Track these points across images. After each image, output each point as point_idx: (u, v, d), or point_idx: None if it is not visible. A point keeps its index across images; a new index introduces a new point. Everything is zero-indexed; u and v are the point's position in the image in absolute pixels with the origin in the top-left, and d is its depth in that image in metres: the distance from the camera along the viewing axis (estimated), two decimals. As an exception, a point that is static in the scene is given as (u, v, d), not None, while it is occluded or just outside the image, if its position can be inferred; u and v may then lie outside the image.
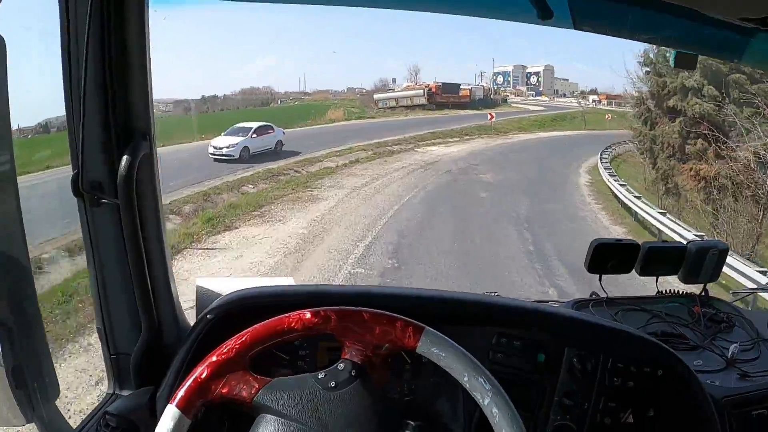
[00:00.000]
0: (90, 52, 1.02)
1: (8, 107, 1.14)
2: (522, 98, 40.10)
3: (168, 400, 1.08)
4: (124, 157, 1.05)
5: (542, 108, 35.63)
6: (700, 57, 1.50)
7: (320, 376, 0.87)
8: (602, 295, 1.58)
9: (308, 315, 0.87)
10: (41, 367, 1.16)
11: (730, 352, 1.37)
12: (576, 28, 1.25)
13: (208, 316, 1.14)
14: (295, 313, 0.87)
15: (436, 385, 1.20)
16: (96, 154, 1.08)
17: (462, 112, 32.55)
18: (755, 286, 5.20)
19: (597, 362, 1.18)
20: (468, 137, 25.05)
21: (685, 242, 1.59)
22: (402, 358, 1.20)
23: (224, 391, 0.84)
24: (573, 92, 42.58)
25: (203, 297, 1.29)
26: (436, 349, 0.87)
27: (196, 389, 0.84)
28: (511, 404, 0.84)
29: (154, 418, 1.11)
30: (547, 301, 1.61)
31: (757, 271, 7.32)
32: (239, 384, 0.84)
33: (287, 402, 0.85)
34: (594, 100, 37.54)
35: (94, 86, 1.04)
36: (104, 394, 1.25)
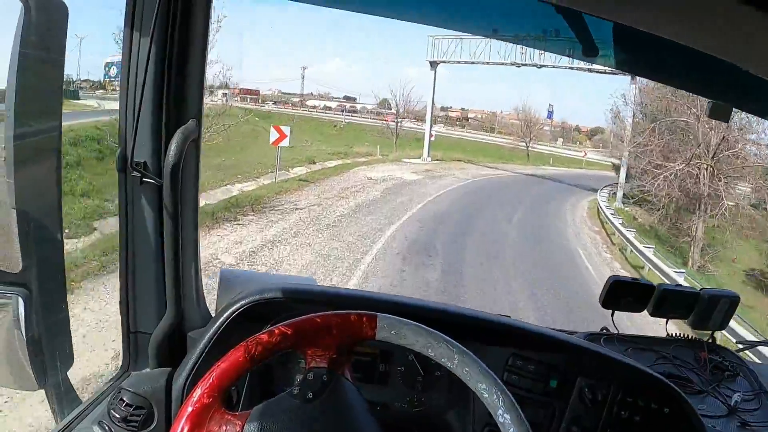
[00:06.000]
0: (155, 38, 1.05)
1: (63, 69, 1.16)
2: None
3: (185, 382, 1.10)
4: (174, 140, 1.07)
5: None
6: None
7: (295, 391, 0.86)
8: (613, 330, 1.60)
9: (265, 336, 0.85)
10: (59, 338, 1.17)
11: (733, 400, 1.40)
12: (616, 67, 1.29)
13: (232, 306, 1.15)
14: (251, 338, 0.84)
15: (448, 399, 1.22)
16: (146, 134, 1.10)
17: None
18: (759, 339, 5.23)
19: (607, 393, 1.20)
20: None
21: (698, 288, 1.61)
22: (415, 371, 1.22)
23: None
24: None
25: (225, 287, 1.30)
26: (394, 330, 0.86)
27: None
28: (478, 360, 0.83)
29: (169, 398, 1.11)
30: (561, 331, 1.62)
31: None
32: (221, 428, 0.81)
33: (274, 427, 0.83)
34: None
35: (155, 70, 1.07)
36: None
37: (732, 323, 7.22)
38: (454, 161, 25.54)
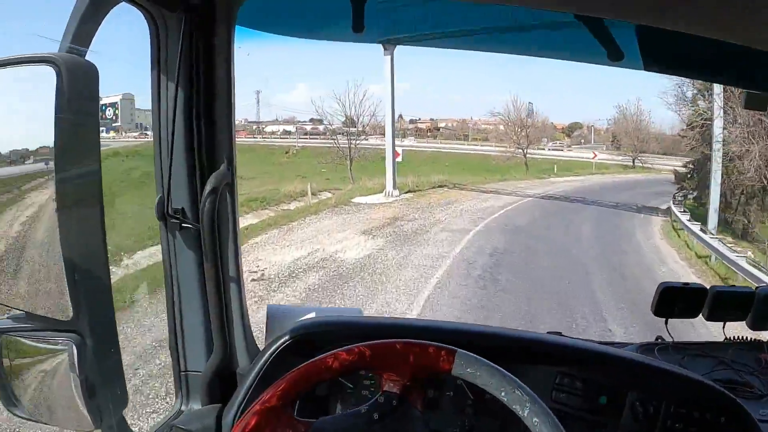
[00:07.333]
0: (180, 85, 1.09)
1: (99, 127, 1.23)
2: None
3: (234, 419, 1.13)
4: (208, 185, 1.12)
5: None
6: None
7: (363, 410, 0.88)
8: (668, 339, 1.55)
9: (344, 354, 0.87)
10: (113, 378, 1.22)
11: None
12: (645, 69, 1.25)
13: (279, 341, 1.18)
14: (330, 353, 0.87)
15: (502, 424, 1.19)
16: (181, 181, 1.14)
17: None
18: None
19: (659, 406, 1.16)
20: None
21: (754, 287, 1.54)
22: (465, 395, 1.21)
23: None
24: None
25: (273, 322, 1.34)
26: (471, 368, 0.86)
27: None
28: (550, 412, 0.82)
29: None
30: (612, 343, 1.58)
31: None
32: (286, 430, 0.84)
33: None
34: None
35: (183, 118, 1.11)
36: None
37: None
38: (433, 189, 17.84)
